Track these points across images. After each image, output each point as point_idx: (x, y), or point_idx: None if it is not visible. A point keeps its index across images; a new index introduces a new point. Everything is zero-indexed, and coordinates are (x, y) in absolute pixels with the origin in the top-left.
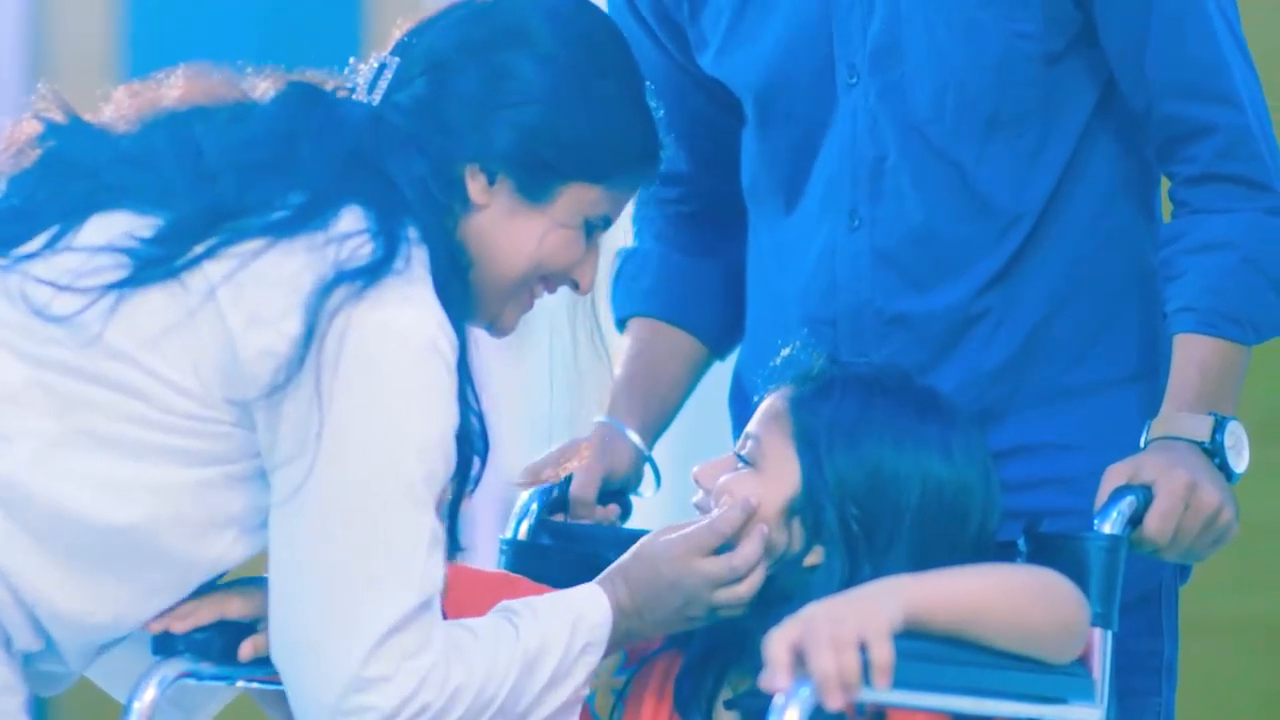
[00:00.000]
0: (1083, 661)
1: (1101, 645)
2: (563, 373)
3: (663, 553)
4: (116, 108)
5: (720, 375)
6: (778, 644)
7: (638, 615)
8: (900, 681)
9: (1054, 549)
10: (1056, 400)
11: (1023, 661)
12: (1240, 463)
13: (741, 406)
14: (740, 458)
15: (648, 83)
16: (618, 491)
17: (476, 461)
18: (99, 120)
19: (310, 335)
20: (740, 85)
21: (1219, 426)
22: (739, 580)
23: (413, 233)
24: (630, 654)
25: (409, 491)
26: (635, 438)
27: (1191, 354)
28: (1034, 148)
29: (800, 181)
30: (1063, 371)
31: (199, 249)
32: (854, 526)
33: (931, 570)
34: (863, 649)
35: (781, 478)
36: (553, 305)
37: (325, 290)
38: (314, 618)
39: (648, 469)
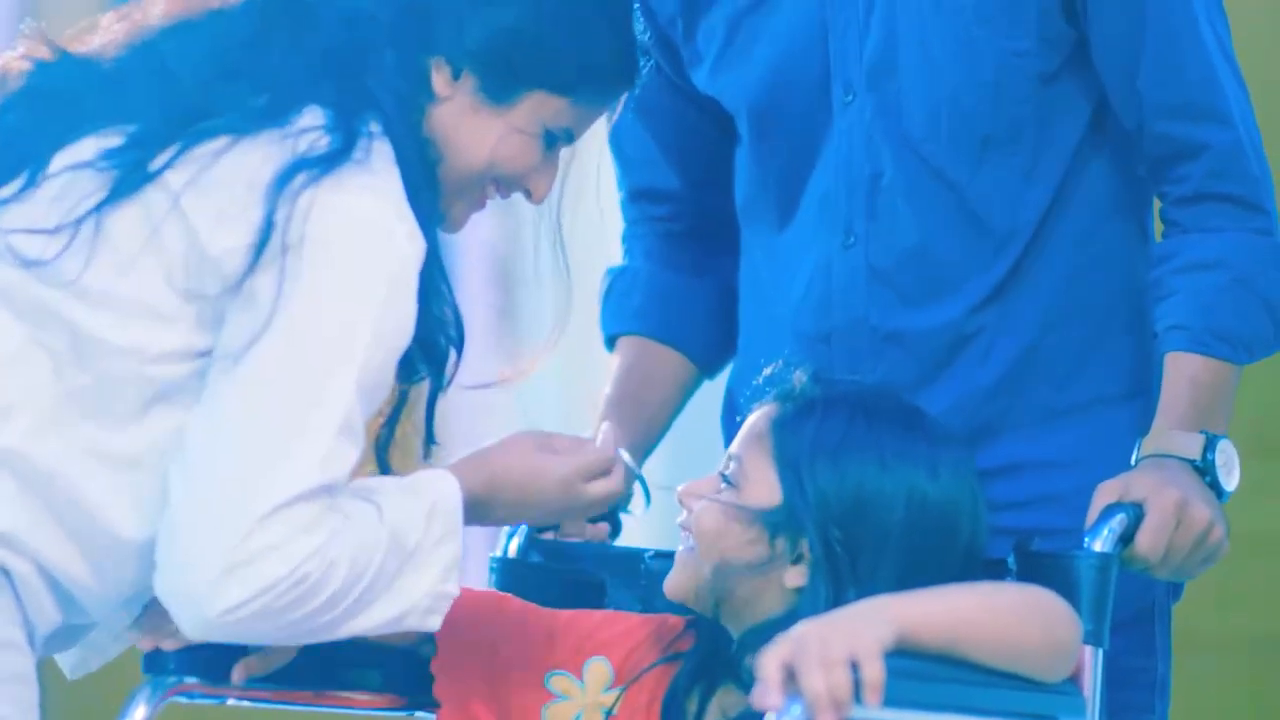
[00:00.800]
0: (1074, 679)
1: (1092, 663)
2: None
3: (547, 471)
4: (104, 34)
5: (712, 392)
6: (769, 662)
7: (485, 508)
8: (891, 699)
9: (1045, 567)
10: (1049, 419)
11: (1014, 679)
12: (1231, 481)
13: (733, 424)
14: (724, 477)
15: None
16: (608, 509)
17: (452, 354)
18: (86, 49)
19: (271, 219)
20: (734, 102)
21: (1210, 445)
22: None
23: (375, 127)
24: (619, 673)
25: (345, 374)
26: (625, 455)
27: (1183, 372)
28: (1028, 166)
29: (795, 198)
30: (1056, 390)
31: (164, 157)
32: (837, 548)
33: (922, 589)
34: (854, 667)
35: (762, 498)
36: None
37: (285, 177)
38: (213, 480)
39: (637, 487)
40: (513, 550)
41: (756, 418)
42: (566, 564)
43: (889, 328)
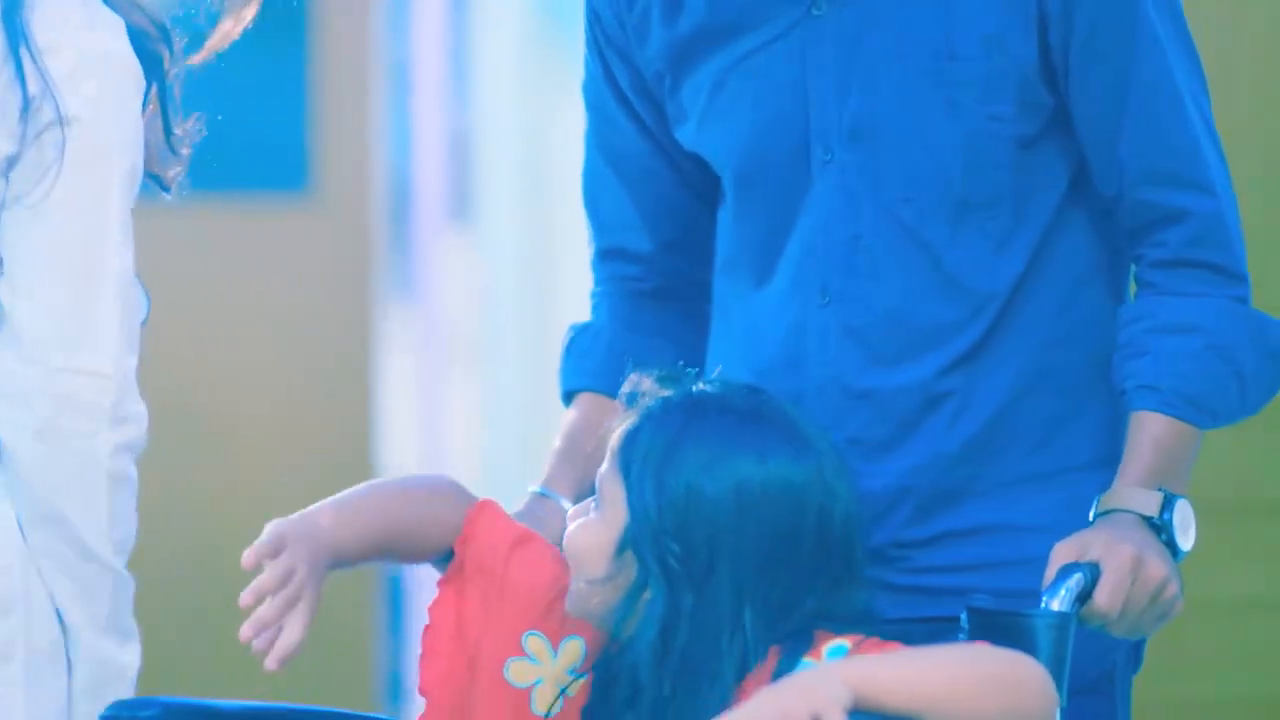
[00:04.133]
0: None
1: None
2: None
3: None
4: None
5: None
6: None
7: None
8: None
9: (1001, 626)
10: (1019, 484)
11: None
12: (1186, 541)
13: None
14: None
15: None
16: None
17: (164, 52)
18: None
19: (24, 91)
20: (719, 159)
21: (1168, 503)
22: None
23: None
24: (589, 659)
25: (118, 191)
26: (569, 507)
27: (1148, 431)
28: (1005, 230)
29: (774, 256)
30: (1026, 455)
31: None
32: (671, 561)
33: (891, 654)
34: None
35: (616, 515)
36: None
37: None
38: (34, 338)
39: None
40: None
41: (616, 433)
42: None
43: (861, 386)
